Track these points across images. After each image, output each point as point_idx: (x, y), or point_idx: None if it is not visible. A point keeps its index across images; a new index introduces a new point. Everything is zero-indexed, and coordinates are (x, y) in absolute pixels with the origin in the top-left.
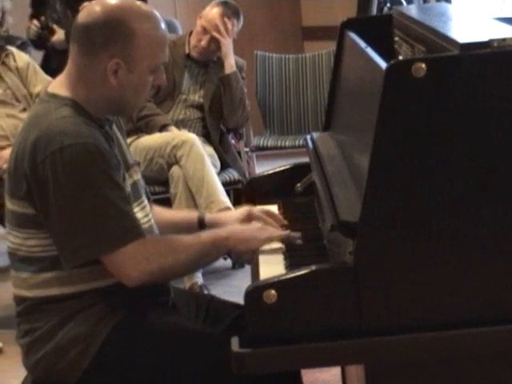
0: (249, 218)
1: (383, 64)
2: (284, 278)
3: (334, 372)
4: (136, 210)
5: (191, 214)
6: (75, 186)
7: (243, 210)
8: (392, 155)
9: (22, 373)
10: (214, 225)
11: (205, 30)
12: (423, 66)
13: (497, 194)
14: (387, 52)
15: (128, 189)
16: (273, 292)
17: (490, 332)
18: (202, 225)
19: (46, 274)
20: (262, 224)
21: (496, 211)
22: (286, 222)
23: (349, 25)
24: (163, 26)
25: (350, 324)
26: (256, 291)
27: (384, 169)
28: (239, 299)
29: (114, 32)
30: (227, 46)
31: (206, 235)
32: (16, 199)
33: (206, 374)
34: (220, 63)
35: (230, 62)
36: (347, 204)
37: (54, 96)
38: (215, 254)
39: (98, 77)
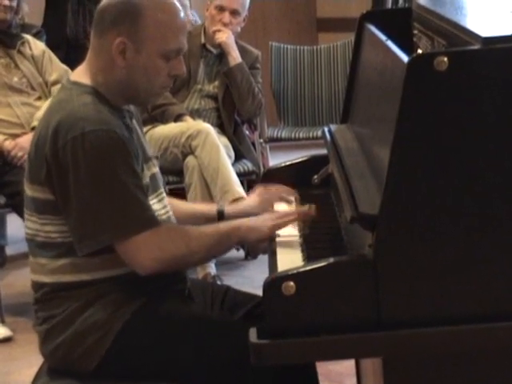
0: (263, 193)
1: (405, 57)
2: (303, 269)
3: (347, 364)
4: (154, 201)
5: (210, 207)
6: (94, 172)
7: (256, 191)
8: (413, 149)
9: (35, 361)
10: (233, 217)
11: (221, 9)
12: (445, 59)
13: None
14: (406, 45)
15: (147, 180)
16: (291, 284)
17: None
18: (221, 217)
19: (63, 259)
20: (274, 213)
21: None
22: (296, 194)
23: (368, 17)
24: (178, 11)
25: (369, 317)
26: (275, 283)
27: (405, 162)
28: (252, 290)
29: (122, 11)
30: (229, 38)
31: (218, 225)
32: (35, 184)
33: (223, 362)
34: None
35: (233, 55)
36: (366, 196)
37: (76, 84)
38: (227, 243)
39: (108, 58)
